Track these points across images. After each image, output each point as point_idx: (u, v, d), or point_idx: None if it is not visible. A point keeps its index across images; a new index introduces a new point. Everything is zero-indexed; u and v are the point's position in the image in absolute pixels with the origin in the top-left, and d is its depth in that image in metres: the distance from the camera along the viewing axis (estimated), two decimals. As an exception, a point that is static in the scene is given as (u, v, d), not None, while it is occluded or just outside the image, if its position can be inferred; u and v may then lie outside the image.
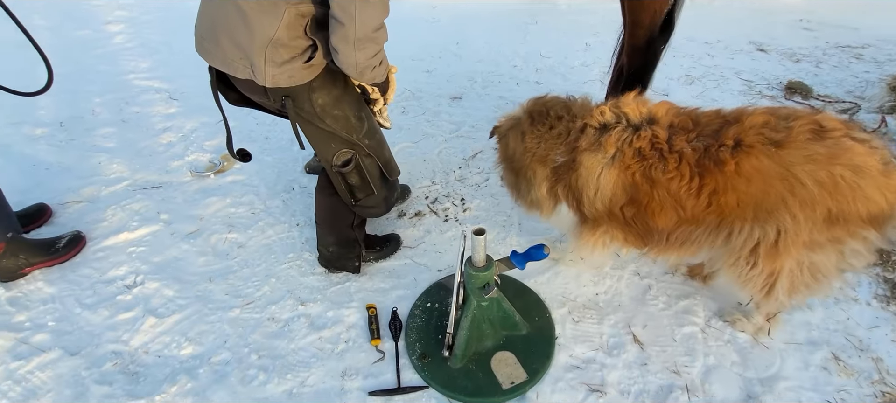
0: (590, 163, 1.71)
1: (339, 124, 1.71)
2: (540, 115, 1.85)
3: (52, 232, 2.30)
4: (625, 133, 1.66)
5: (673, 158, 1.56)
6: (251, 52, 1.49)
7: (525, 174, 1.93)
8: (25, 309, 1.98)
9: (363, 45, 1.45)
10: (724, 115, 1.60)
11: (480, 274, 1.66)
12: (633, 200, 1.67)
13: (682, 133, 1.58)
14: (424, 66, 4.08)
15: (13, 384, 1.72)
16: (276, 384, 1.73)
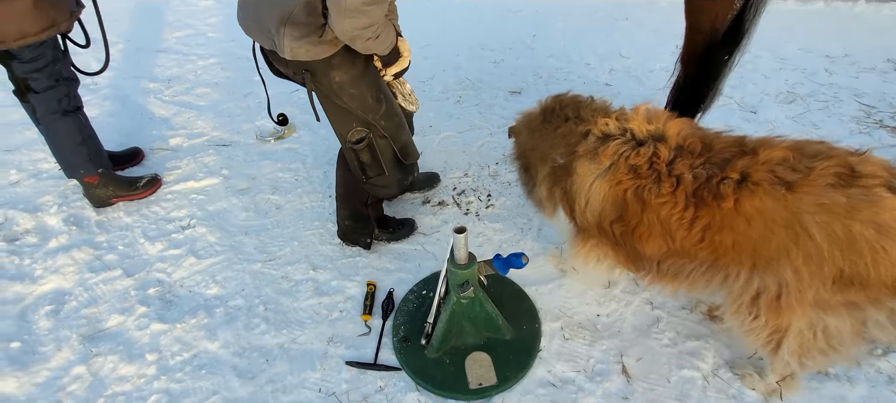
0: (583, 171, 1.64)
1: (356, 103, 1.80)
2: (552, 113, 1.81)
3: (140, 172, 2.74)
4: (624, 146, 1.56)
5: (669, 182, 1.44)
6: (272, 26, 1.62)
7: (531, 171, 1.90)
8: (106, 231, 2.41)
9: (351, 15, 1.49)
10: (743, 144, 1.42)
11: (459, 272, 1.68)
12: (622, 219, 1.57)
13: (688, 156, 1.45)
14: (493, 56, 4.05)
15: (83, 290, 2.12)
16: (272, 336, 1.93)
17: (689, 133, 1.53)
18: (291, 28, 1.60)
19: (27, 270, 2.20)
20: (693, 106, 2.37)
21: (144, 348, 1.89)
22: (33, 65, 2.07)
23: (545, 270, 2.15)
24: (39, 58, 2.06)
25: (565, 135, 1.74)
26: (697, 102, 2.36)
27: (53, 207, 2.53)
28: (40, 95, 2.16)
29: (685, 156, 1.46)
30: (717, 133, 1.54)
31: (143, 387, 1.76)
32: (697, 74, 2.28)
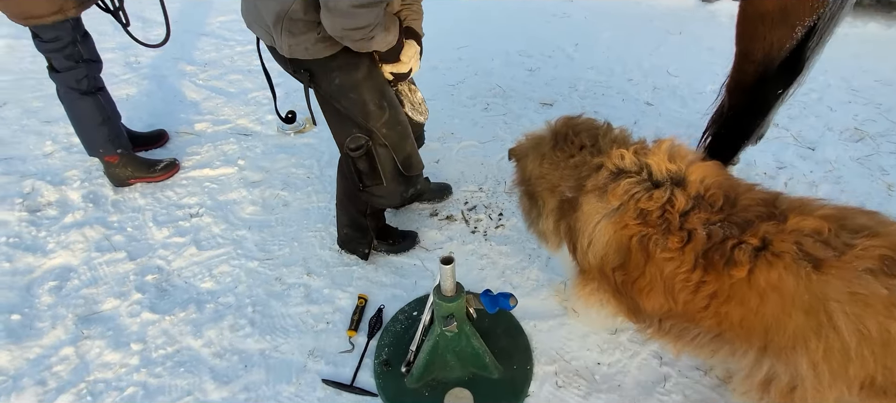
0: (589, 209, 1.48)
1: (356, 108, 1.71)
2: (564, 139, 1.63)
3: (162, 154, 2.78)
4: (637, 187, 1.38)
5: (678, 236, 1.26)
6: (270, 21, 1.55)
7: (537, 201, 1.74)
8: (119, 212, 2.46)
9: (339, 16, 1.41)
10: (773, 204, 1.22)
11: (445, 304, 1.56)
12: (625, 267, 1.40)
13: (706, 209, 1.26)
14: (529, 63, 3.87)
15: (87, 269, 2.16)
16: (255, 340, 1.89)
17: (713, 181, 1.33)
18: (289, 23, 1.53)
19: (41, 242, 2.27)
20: (734, 140, 2.13)
21: (132, 336, 1.89)
22: (52, 45, 2.13)
23: (548, 305, 1.99)
24: (57, 39, 2.11)
25: (578, 165, 1.57)
26: (740, 137, 2.11)
27: (76, 182, 2.61)
28: (60, 74, 2.22)
29: (703, 209, 1.28)
30: (748, 186, 1.34)
31: (122, 377, 1.77)
32: (743, 106, 2.03)
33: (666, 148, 1.46)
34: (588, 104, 3.36)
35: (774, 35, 1.83)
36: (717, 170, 1.40)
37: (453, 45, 4.16)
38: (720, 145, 2.17)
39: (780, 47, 1.84)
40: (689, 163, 1.42)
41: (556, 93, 3.48)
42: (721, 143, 2.16)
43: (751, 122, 2.05)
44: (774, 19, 1.77)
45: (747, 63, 1.94)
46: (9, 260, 2.18)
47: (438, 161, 2.83)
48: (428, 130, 3.05)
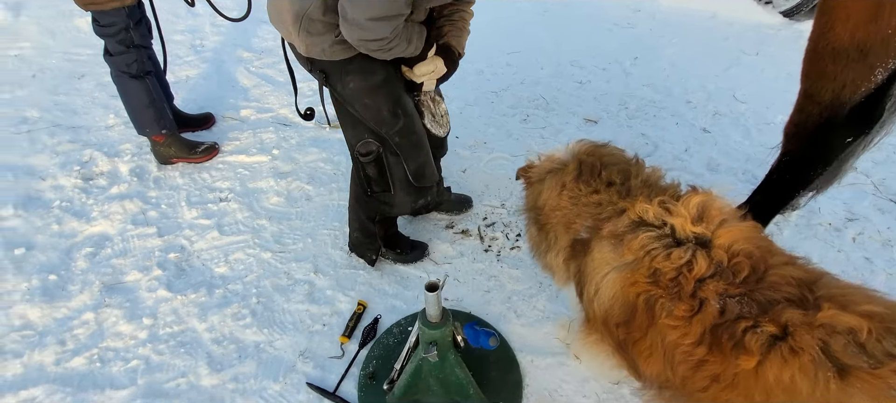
0: (601, 257, 1.36)
1: (369, 113, 1.69)
2: (591, 171, 1.49)
3: (207, 137, 2.93)
4: (656, 243, 1.24)
5: (687, 304, 1.12)
6: (290, 20, 1.56)
7: (548, 233, 1.62)
8: (158, 188, 2.62)
9: (355, 27, 1.42)
10: (812, 285, 1.05)
11: (427, 330, 1.50)
12: (628, 326, 1.27)
13: (727, 278, 1.10)
14: (581, 75, 3.67)
15: (120, 240, 2.32)
16: (253, 331, 1.93)
17: (743, 248, 1.16)
18: (308, 23, 1.53)
19: (87, 209, 2.46)
20: (785, 191, 1.87)
21: (145, 311, 2.00)
22: (108, 30, 2.29)
23: (549, 340, 1.88)
24: (112, 25, 2.26)
25: (600, 203, 1.43)
26: (792, 188, 1.85)
27: (128, 156, 2.81)
28: (113, 58, 2.38)
29: (723, 277, 1.12)
30: (787, 259, 1.15)
31: (130, 349, 1.87)
32: (801, 154, 1.78)
33: (696, 203, 1.29)
34: (636, 124, 3.14)
35: (848, 75, 1.58)
36: (751, 234, 1.22)
37: (504, 50, 4.04)
38: (768, 193, 1.92)
39: (853, 90, 1.58)
40: (721, 223, 1.25)
41: (604, 109, 3.28)
42: (769, 191, 1.91)
43: (807, 173, 1.79)
44: (850, 57, 1.52)
45: (811, 104, 1.69)
46: (58, 223, 2.38)
47: (465, 170, 2.75)
48: (460, 137, 2.99)
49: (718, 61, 3.85)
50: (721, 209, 1.30)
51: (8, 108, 3.18)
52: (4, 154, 2.81)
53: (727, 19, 4.52)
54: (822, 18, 1.56)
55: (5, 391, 1.72)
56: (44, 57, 3.78)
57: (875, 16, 1.42)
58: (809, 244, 2.32)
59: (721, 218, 1.27)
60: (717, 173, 2.75)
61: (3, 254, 2.21)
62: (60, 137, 2.94)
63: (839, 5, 1.49)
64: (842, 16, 1.49)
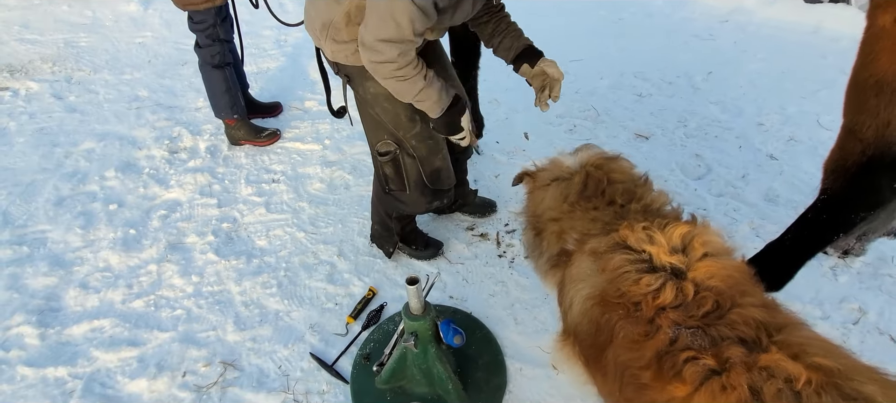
0: (579, 271, 1.37)
1: (388, 116, 1.81)
2: (597, 185, 1.47)
3: (273, 124, 3.27)
4: (629, 266, 1.23)
5: (643, 327, 1.11)
6: (317, 28, 1.73)
7: (542, 240, 1.62)
8: (225, 166, 2.98)
9: (367, 50, 1.50)
10: (773, 328, 1.00)
11: (409, 322, 1.60)
12: (592, 343, 1.28)
13: (687, 310, 1.08)
14: (642, 88, 3.51)
15: (188, 207, 2.69)
16: (276, 300, 2.16)
17: (714, 284, 1.12)
18: (334, 32, 1.68)
19: (167, 178, 2.88)
20: (824, 234, 1.68)
21: (195, 270, 2.32)
22: (199, 26, 2.67)
23: (542, 353, 1.88)
24: (203, 22, 2.64)
25: (595, 220, 1.42)
26: (835, 230, 1.66)
27: (207, 135, 3.22)
28: (201, 49, 2.76)
29: (685, 309, 1.10)
30: (760, 302, 1.08)
31: (178, 300, 2.19)
32: (841, 194, 1.60)
33: (680, 234, 1.25)
34: (692, 144, 2.95)
35: (893, 112, 1.40)
36: (730, 272, 1.16)
37: (567, 57, 3.97)
38: (800, 234, 1.73)
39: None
40: (703, 256, 1.20)
41: (659, 126, 3.12)
42: (802, 232, 1.72)
43: (847, 215, 1.60)
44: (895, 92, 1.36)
45: (853, 141, 1.52)
46: (144, 187, 2.82)
47: (498, 175, 2.79)
48: (501, 142, 3.03)
49: (809, 81, 3.47)
50: (707, 242, 1.25)
51: (126, 87, 3.79)
52: (117, 125, 3.36)
53: (832, 34, 4.03)
54: (866, 48, 1.40)
55: (84, 318, 2.10)
56: (159, 45, 4.43)
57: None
58: (870, 295, 2.05)
59: (704, 252, 1.22)
60: (775, 205, 2.51)
61: (101, 208, 2.67)
62: (160, 115, 3.45)
63: (885, 34, 1.33)
64: (888, 46, 1.33)
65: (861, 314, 1.99)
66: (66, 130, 3.30)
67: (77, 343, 2.00)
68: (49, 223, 2.57)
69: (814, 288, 2.09)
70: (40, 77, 3.92)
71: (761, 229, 2.37)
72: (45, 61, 4.16)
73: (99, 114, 3.48)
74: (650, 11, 4.73)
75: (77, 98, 3.67)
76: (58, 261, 2.36)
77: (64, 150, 3.11)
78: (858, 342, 1.90)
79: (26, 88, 3.78)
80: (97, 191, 2.79)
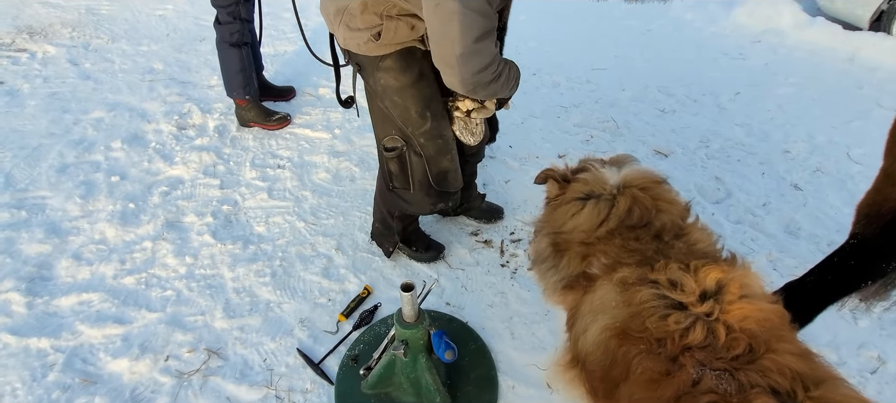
0: (602, 300, 1.24)
1: (397, 111, 1.73)
2: (643, 214, 1.31)
3: (285, 107, 3.21)
4: (657, 302, 1.13)
5: (665, 365, 1.02)
6: (332, 13, 1.66)
7: (562, 257, 1.45)
8: (232, 147, 2.93)
9: (465, 62, 1.41)
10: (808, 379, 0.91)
11: (401, 329, 1.52)
12: (605, 374, 1.18)
13: (716, 351, 0.98)
14: (665, 103, 3.39)
15: (190, 186, 2.64)
16: (269, 290, 2.10)
17: (749, 327, 1.02)
18: (348, 18, 1.61)
19: (172, 154, 2.84)
20: (850, 280, 1.56)
21: (190, 251, 2.27)
22: (221, 2, 2.62)
23: (537, 372, 1.79)
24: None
25: (634, 252, 1.27)
26: (862, 278, 1.54)
27: (217, 113, 3.18)
28: (221, 26, 2.72)
29: (712, 350, 1.00)
30: (799, 351, 0.98)
31: (169, 279, 2.14)
32: (873, 241, 1.48)
33: (715, 276, 1.14)
34: (712, 166, 2.82)
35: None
36: (767, 316, 1.06)
37: (589, 65, 3.86)
38: (824, 277, 1.61)
39: None
40: (738, 298, 1.09)
41: (679, 144, 3.00)
42: (827, 275, 1.61)
43: (878, 264, 1.48)
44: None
45: (891, 186, 1.40)
46: (149, 161, 2.79)
47: (508, 181, 2.70)
48: (514, 147, 2.94)
49: (841, 111, 3.31)
50: (745, 286, 1.13)
51: (142, 59, 3.77)
52: (129, 96, 3.34)
53: (869, 64, 3.86)
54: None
55: (73, 290, 2.07)
56: (180, 19, 4.41)
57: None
58: (891, 344, 1.93)
59: (741, 294, 1.11)
60: (795, 238, 2.38)
61: (103, 178, 2.64)
62: (172, 89, 3.42)
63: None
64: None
65: (880, 363, 1.86)
66: (78, 97, 3.29)
67: (63, 315, 1.96)
68: (50, 189, 2.54)
69: (831, 332, 1.97)
70: (59, 41, 3.92)
71: (779, 263, 2.25)
72: (64, 26, 4.16)
73: (112, 83, 3.46)
74: (680, 25, 4.59)
75: (92, 65, 3.66)
76: (54, 229, 2.33)
77: (73, 117, 3.09)
78: (876, 393, 1.78)
79: (44, 52, 3.78)
80: (101, 161, 2.76)
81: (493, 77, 1.49)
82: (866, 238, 1.48)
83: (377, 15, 1.56)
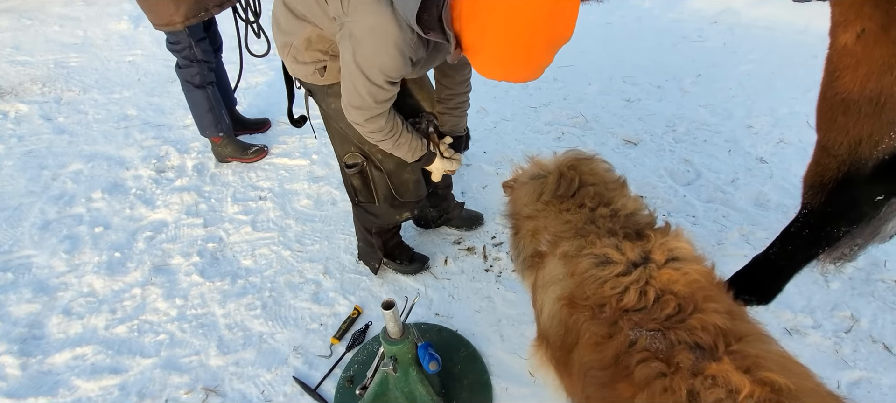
0: (551, 273, 1.38)
1: (352, 131, 1.77)
2: (568, 185, 1.51)
3: (262, 139, 3.25)
4: (595, 269, 1.25)
5: (607, 329, 1.10)
6: (279, 45, 1.71)
7: (520, 240, 1.63)
8: (213, 184, 2.97)
9: (347, 109, 1.56)
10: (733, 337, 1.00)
11: (387, 346, 1.57)
12: (561, 343, 1.27)
13: (650, 313, 1.08)
14: (631, 93, 3.49)
15: (173, 228, 2.67)
16: (260, 322, 2.13)
17: (678, 289, 1.12)
18: (295, 52, 1.66)
19: (154, 198, 2.86)
20: (808, 249, 1.65)
21: (179, 292, 2.30)
22: (174, 46, 2.66)
23: (528, 369, 1.85)
24: (177, 42, 2.62)
25: (569, 222, 1.45)
26: (818, 245, 1.63)
27: (194, 153, 3.21)
28: (181, 70, 2.75)
29: (647, 311, 1.09)
30: (725, 309, 1.07)
31: (161, 323, 2.16)
32: (821, 209, 1.57)
33: (642, 241, 1.27)
34: (681, 149, 2.92)
35: (862, 130, 1.38)
36: (695, 277, 1.16)
37: (556, 63, 3.93)
38: (785, 248, 1.70)
39: (872, 146, 1.38)
40: (669, 260, 1.21)
41: (647, 131, 3.10)
42: (786, 246, 1.70)
43: (829, 230, 1.57)
44: (862, 110, 1.33)
45: (827, 157, 1.50)
46: (131, 208, 2.81)
47: (485, 187, 2.77)
48: (488, 152, 3.01)
49: (799, 82, 3.44)
50: (674, 249, 1.24)
51: (115, 107, 3.79)
52: (105, 145, 3.35)
53: (822, 33, 3.97)
54: (830, 66, 1.38)
55: (66, 346, 2.08)
56: (149, 62, 4.43)
57: (891, 65, 1.23)
58: (863, 302, 2.02)
59: (670, 256, 1.22)
60: (765, 210, 2.48)
61: (87, 231, 2.65)
62: (148, 133, 3.44)
63: (847, 52, 1.31)
64: (850, 64, 1.31)
65: (853, 322, 1.95)
66: (55, 152, 3.29)
67: (58, 372, 1.98)
68: (34, 248, 2.55)
69: (805, 296, 2.06)
70: (30, 98, 3.92)
71: (751, 236, 2.34)
72: (34, 82, 4.16)
73: (87, 134, 3.48)
74: (639, 14, 4.71)
75: (66, 119, 3.66)
76: (42, 287, 2.34)
77: (51, 173, 3.09)
78: (851, 351, 1.87)
79: (16, 111, 3.78)
80: (83, 213, 2.78)
81: (383, 139, 1.64)
82: (815, 207, 1.57)
83: (321, 51, 1.62)
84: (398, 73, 1.44)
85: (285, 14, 1.61)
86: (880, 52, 1.28)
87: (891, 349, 1.86)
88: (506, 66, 1.25)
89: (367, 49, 1.38)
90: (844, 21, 1.34)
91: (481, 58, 1.25)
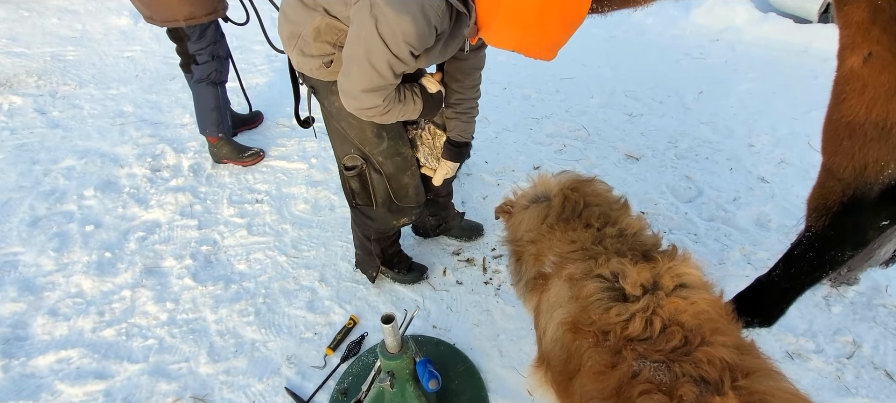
0: (555, 297, 1.34)
1: (353, 131, 1.77)
2: (573, 208, 1.49)
3: (257, 137, 3.21)
4: (602, 294, 1.21)
5: (607, 354, 1.07)
6: (285, 37, 1.68)
7: (522, 264, 1.60)
8: (208, 185, 2.91)
9: (350, 99, 1.52)
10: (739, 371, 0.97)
11: (385, 361, 1.53)
12: (564, 368, 1.24)
13: (654, 344, 1.04)
14: (633, 107, 3.48)
15: (167, 229, 2.62)
16: (253, 329, 2.08)
17: (686, 319, 1.08)
18: (302, 43, 1.63)
19: (147, 197, 2.81)
20: (811, 272, 1.63)
21: (170, 296, 2.24)
22: (200, 44, 2.62)
23: (525, 386, 1.81)
24: (204, 38, 2.61)
25: (574, 242, 1.42)
26: (821, 268, 1.61)
27: (191, 152, 3.16)
28: (200, 66, 2.71)
29: (652, 342, 1.06)
30: (733, 342, 1.04)
31: (151, 328, 2.11)
32: (825, 233, 1.55)
33: (651, 267, 1.23)
34: (683, 166, 2.91)
35: (869, 155, 1.37)
36: (703, 307, 1.12)
37: (557, 75, 3.95)
38: (788, 271, 1.68)
39: (878, 171, 1.37)
40: (676, 288, 1.18)
41: (649, 146, 3.08)
42: (790, 269, 1.67)
43: (833, 253, 1.55)
44: (868, 135, 1.32)
45: (832, 181, 1.48)
46: (124, 207, 2.75)
47: (486, 197, 2.74)
48: (490, 162, 2.99)
49: (800, 102, 3.45)
50: (682, 275, 1.21)
51: (111, 103, 3.73)
52: (100, 141, 3.29)
53: (823, 54, 4.03)
54: (836, 89, 1.37)
55: (50, 348, 2.02)
56: (148, 58, 4.38)
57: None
58: (865, 327, 2.00)
59: (678, 284, 1.19)
60: (766, 230, 2.46)
61: (77, 229, 2.59)
62: (144, 131, 3.39)
63: (854, 76, 1.29)
64: (857, 87, 1.29)
65: (855, 348, 1.93)
66: (47, 147, 3.23)
67: (42, 376, 1.91)
68: (21, 245, 2.49)
69: (807, 320, 2.03)
70: (25, 91, 3.85)
71: (753, 256, 2.32)
72: (30, 75, 4.10)
73: (82, 130, 3.42)
74: (642, 29, 4.73)
75: (60, 113, 3.60)
76: (28, 286, 2.28)
77: (43, 168, 3.03)
78: (853, 377, 1.85)
79: (9, 103, 3.71)
80: (74, 210, 2.71)
81: (377, 115, 1.58)
82: (819, 230, 1.55)
83: (329, 43, 1.59)
84: (421, 43, 1.39)
85: (295, 3, 1.58)
86: (888, 77, 1.27)
87: (892, 376, 1.84)
88: (518, 31, 1.30)
89: (390, 15, 1.33)
90: (852, 44, 1.33)
91: (495, 24, 1.29)
